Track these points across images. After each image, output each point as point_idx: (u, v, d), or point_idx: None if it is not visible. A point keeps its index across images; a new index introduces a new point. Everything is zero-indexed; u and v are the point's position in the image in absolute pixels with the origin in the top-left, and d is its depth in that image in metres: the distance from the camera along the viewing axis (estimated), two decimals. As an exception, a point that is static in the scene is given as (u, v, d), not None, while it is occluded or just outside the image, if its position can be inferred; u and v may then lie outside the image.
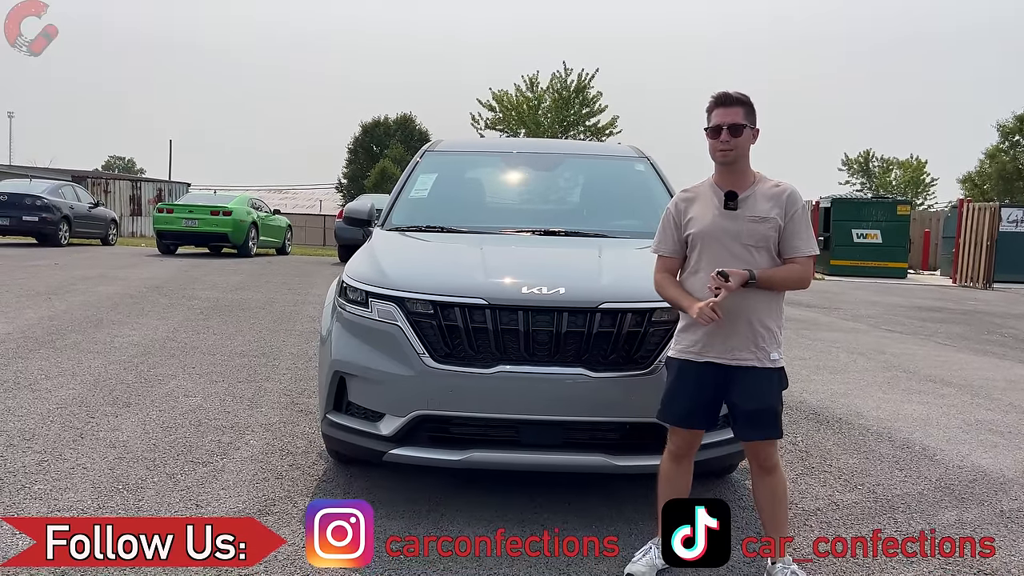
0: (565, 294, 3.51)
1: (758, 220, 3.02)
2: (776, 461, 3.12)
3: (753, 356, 3.01)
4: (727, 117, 3.02)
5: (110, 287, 11.69)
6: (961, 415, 6.07)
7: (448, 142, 5.72)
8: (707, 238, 3.04)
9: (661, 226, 3.23)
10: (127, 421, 5.01)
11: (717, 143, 3.04)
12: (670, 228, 3.20)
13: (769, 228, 3.02)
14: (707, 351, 3.04)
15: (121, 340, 7.64)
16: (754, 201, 3.04)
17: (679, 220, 3.16)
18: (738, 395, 3.03)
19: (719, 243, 3.02)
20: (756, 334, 3.01)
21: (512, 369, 3.44)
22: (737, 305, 2.97)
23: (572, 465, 3.57)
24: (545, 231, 4.59)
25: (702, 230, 3.07)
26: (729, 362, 3.02)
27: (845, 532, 3.69)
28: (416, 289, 3.61)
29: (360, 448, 3.71)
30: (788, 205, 3.05)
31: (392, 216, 4.87)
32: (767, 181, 3.12)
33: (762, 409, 3.02)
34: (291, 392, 5.91)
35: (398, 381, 3.56)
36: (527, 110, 37.66)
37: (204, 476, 4.11)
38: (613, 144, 6.78)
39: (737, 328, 2.99)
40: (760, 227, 3.01)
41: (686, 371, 3.10)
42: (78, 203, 21.63)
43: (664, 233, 3.23)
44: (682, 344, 3.13)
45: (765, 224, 3.02)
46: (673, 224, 3.19)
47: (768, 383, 3.03)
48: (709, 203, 3.10)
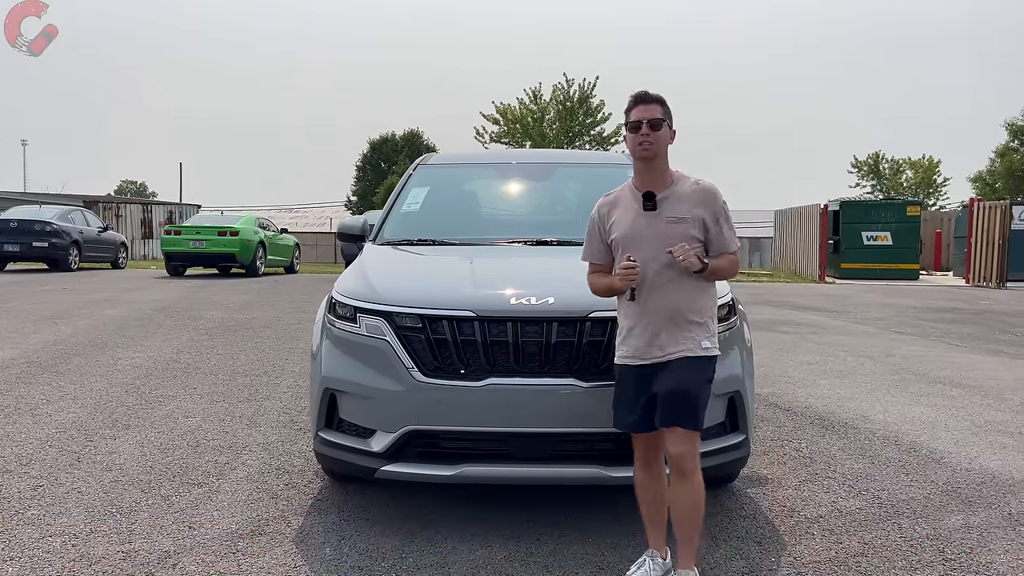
0: (554, 303, 3.47)
1: (677, 221, 3.02)
2: (695, 466, 2.97)
3: (682, 347, 2.99)
4: (646, 113, 3.04)
5: (117, 310, 11.73)
6: (970, 417, 5.97)
7: (441, 155, 5.71)
8: (630, 241, 3.05)
9: (587, 234, 3.25)
10: (125, 444, 4.99)
11: (637, 137, 3.04)
12: (595, 235, 3.22)
13: (690, 227, 3.02)
14: (645, 354, 3.03)
15: (124, 362, 7.65)
16: (673, 201, 3.04)
17: (602, 226, 3.17)
18: (663, 384, 2.98)
19: (643, 246, 3.01)
20: (683, 327, 3.00)
21: (502, 381, 3.39)
22: (664, 300, 2.99)
23: (566, 478, 3.52)
24: (537, 241, 4.56)
25: (624, 234, 3.07)
26: (662, 358, 3.00)
27: (847, 539, 3.61)
28: (404, 303, 3.58)
29: (352, 465, 3.67)
30: (711, 204, 3.06)
31: (384, 230, 4.85)
32: (686, 180, 3.12)
33: (680, 391, 2.94)
34: (291, 410, 5.88)
35: (388, 397, 3.52)
36: (532, 122, 37.72)
37: (199, 497, 4.08)
38: (608, 153, 6.75)
39: (666, 324, 2.99)
40: (681, 228, 3.00)
41: (626, 376, 3.10)
42: (87, 228, 21.81)
43: (590, 241, 3.25)
44: (622, 351, 3.12)
45: (684, 224, 3.02)
46: (597, 231, 3.20)
47: (694, 368, 2.99)
48: (629, 206, 3.11)
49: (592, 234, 3.24)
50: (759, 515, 3.91)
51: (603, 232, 3.18)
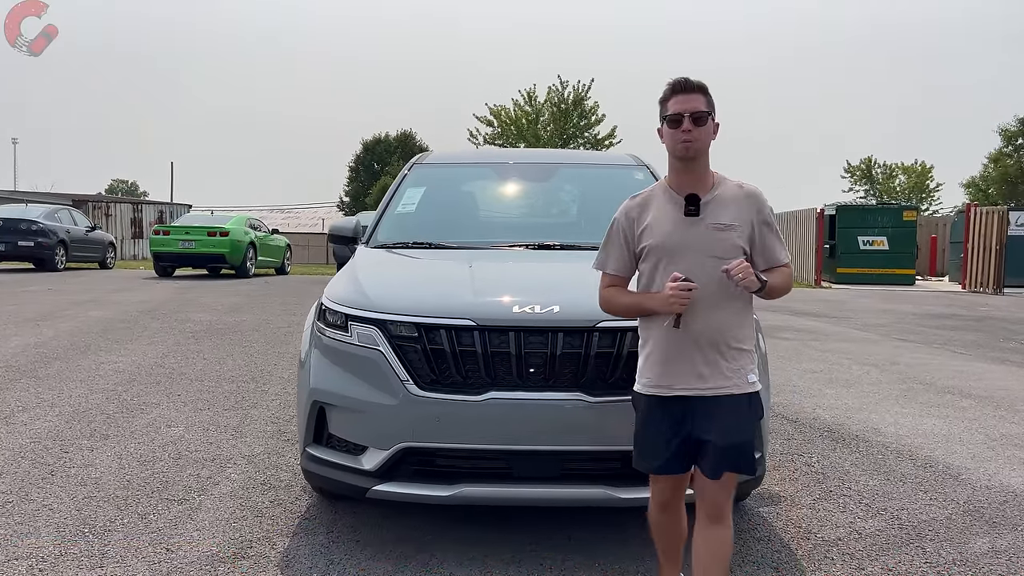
0: (560, 312, 3.24)
1: (723, 228, 2.62)
2: (729, 511, 2.65)
3: (729, 382, 2.59)
4: (687, 104, 2.61)
5: (102, 312, 11.45)
6: (984, 430, 5.76)
7: (437, 154, 5.46)
8: (669, 251, 2.61)
9: (607, 239, 2.78)
10: (102, 455, 4.73)
11: (677, 134, 2.60)
12: (618, 241, 2.75)
13: (737, 236, 2.63)
14: (677, 382, 2.61)
15: (107, 367, 7.38)
16: (717, 206, 2.64)
17: (630, 231, 2.72)
18: (710, 428, 2.55)
19: (684, 257, 2.59)
20: (729, 356, 2.60)
21: (504, 395, 3.16)
22: (709, 323, 2.57)
23: (571, 499, 3.29)
24: (539, 245, 4.32)
25: (660, 242, 2.63)
26: (702, 392, 2.58)
27: (869, 565, 3.38)
28: (398, 311, 3.35)
29: (342, 484, 3.43)
30: (758, 210, 2.68)
31: (377, 232, 4.61)
32: (728, 182, 2.72)
33: (740, 442, 2.57)
34: (278, 420, 5.63)
35: (381, 411, 3.29)
36: (526, 124, 37.52)
37: (178, 515, 3.83)
38: (610, 152, 6.52)
39: (708, 353, 2.58)
40: (727, 236, 2.61)
41: (653, 410, 2.65)
42: (75, 227, 21.48)
43: (610, 247, 2.78)
44: (648, 376, 2.67)
45: (731, 232, 2.63)
46: (623, 237, 2.74)
47: (747, 409, 2.61)
48: (665, 210, 2.67)
49: (614, 240, 2.77)
50: (774, 537, 3.69)
51: (630, 238, 2.73)
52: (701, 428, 2.57)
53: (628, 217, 2.76)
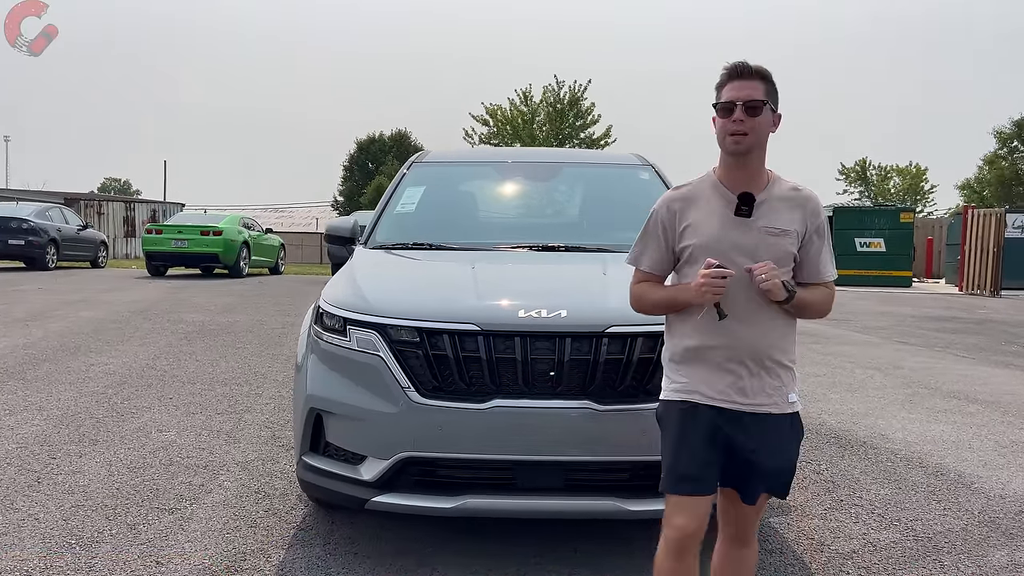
0: (567, 317, 3.11)
1: (777, 233, 2.37)
2: (755, 532, 2.54)
3: (770, 400, 2.36)
4: (742, 91, 2.35)
5: (93, 312, 11.28)
6: (993, 436, 5.65)
7: (437, 152, 5.33)
8: (713, 253, 2.37)
9: (644, 232, 2.54)
10: (91, 461, 4.59)
11: (728, 124, 2.35)
12: (657, 236, 2.50)
13: (790, 244, 2.38)
14: (716, 392, 2.36)
15: (97, 369, 7.22)
16: (771, 208, 2.39)
17: (672, 227, 2.47)
18: (752, 447, 2.35)
19: (731, 261, 2.34)
20: (772, 372, 2.38)
21: (509, 404, 3.03)
22: (753, 332, 2.36)
23: (579, 511, 3.16)
24: (543, 246, 4.19)
25: (705, 242, 2.38)
26: (743, 408, 2.35)
27: (888, 580, 3.27)
28: (399, 314, 3.21)
29: (339, 495, 3.29)
30: (812, 217, 2.43)
31: (376, 233, 4.47)
32: (783, 182, 2.47)
33: (787, 467, 2.41)
34: (272, 424, 5.49)
35: (380, 419, 3.15)
36: (522, 124, 37.40)
37: (169, 526, 3.69)
38: (614, 151, 6.38)
39: (751, 365, 2.36)
40: (780, 242, 2.36)
41: (690, 419, 2.37)
42: (66, 225, 21.27)
43: (647, 242, 2.53)
44: (680, 382, 2.42)
45: (785, 238, 2.37)
46: (662, 231, 2.48)
47: (791, 430, 2.42)
48: (713, 207, 2.42)
49: (651, 234, 2.51)
50: (786, 550, 3.57)
51: (671, 235, 2.47)
52: (742, 447, 2.35)
53: (670, 210, 2.49)
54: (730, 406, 2.35)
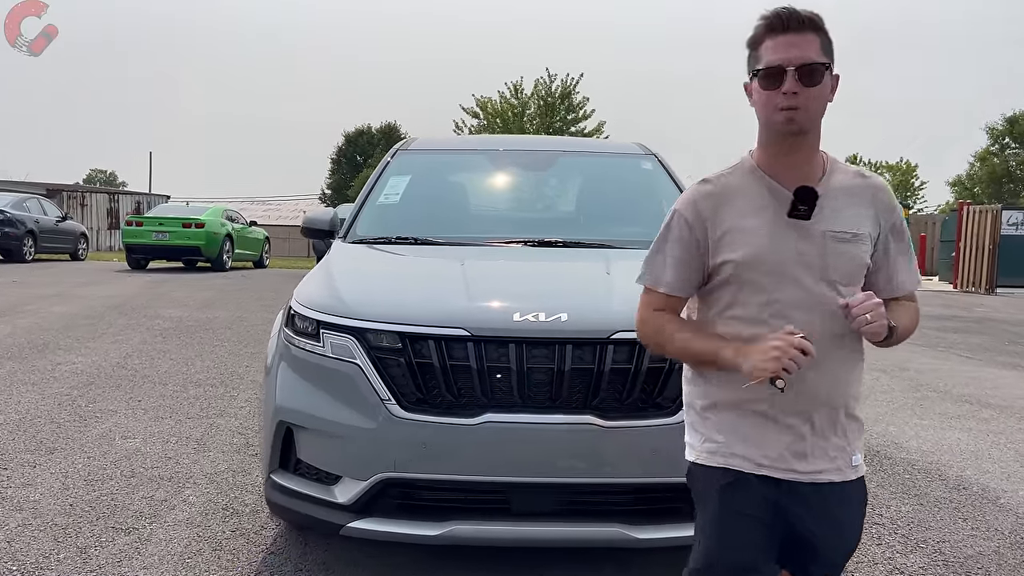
0: (568, 321, 2.77)
1: (846, 238, 1.78)
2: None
3: (832, 464, 1.83)
4: (793, 51, 1.71)
5: (66, 307, 10.84)
6: (1012, 445, 5.34)
7: (424, 140, 4.95)
8: (764, 270, 1.77)
9: (661, 242, 1.90)
10: (45, 473, 4.21)
11: (775, 97, 1.72)
12: (681, 246, 1.85)
13: (863, 251, 1.82)
14: (766, 458, 1.82)
15: (64, 368, 6.83)
16: (834, 204, 1.80)
17: (702, 234, 1.83)
18: (810, 524, 1.84)
19: (786, 280, 1.77)
20: (839, 428, 1.85)
21: (502, 418, 2.69)
22: (819, 381, 1.79)
23: (579, 539, 2.82)
24: (539, 241, 3.83)
25: (756, 255, 1.77)
26: (799, 477, 1.82)
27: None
28: (379, 317, 2.86)
29: (311, 519, 2.95)
30: (887, 213, 1.87)
31: (356, 226, 4.09)
32: (843, 168, 1.87)
33: (848, 546, 1.95)
34: (246, 430, 5.12)
35: (357, 435, 2.81)
36: (512, 117, 36.96)
37: (124, 549, 3.32)
38: (615, 140, 6.03)
39: (814, 420, 1.81)
40: (851, 250, 1.79)
41: (737, 493, 1.82)
42: (44, 217, 20.74)
43: (667, 254, 1.87)
44: (716, 440, 1.86)
45: (856, 245, 1.80)
46: (688, 240, 1.85)
47: (857, 501, 1.91)
48: (758, 205, 1.80)
49: (672, 243, 1.87)
50: (807, 577, 3.23)
51: (701, 246, 1.84)
52: (799, 524, 1.84)
53: (697, 212, 1.84)
54: (787, 476, 1.81)
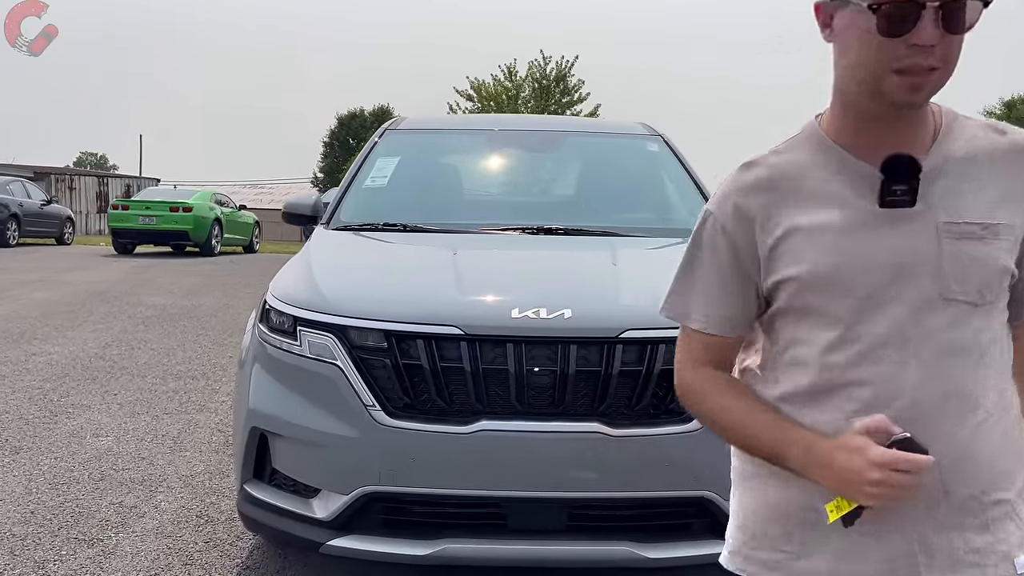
0: (572, 318, 2.50)
1: (974, 234, 1.15)
2: None
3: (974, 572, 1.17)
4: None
5: (47, 293, 10.52)
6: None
7: (415, 119, 4.65)
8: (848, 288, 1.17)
9: (690, 257, 1.31)
10: (8, 476, 3.94)
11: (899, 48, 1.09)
12: (714, 263, 1.27)
13: (1003, 251, 1.16)
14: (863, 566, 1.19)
15: (39, 359, 6.53)
16: (954, 182, 1.17)
17: (751, 241, 1.24)
18: None
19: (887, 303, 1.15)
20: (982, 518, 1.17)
21: (499, 426, 2.44)
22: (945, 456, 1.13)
23: (583, 559, 2.56)
24: (538, 228, 3.54)
25: (833, 267, 1.17)
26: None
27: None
28: (362, 313, 2.59)
29: (288, 535, 2.68)
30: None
31: (340, 211, 3.79)
32: (962, 123, 1.23)
33: None
34: (226, 428, 4.84)
35: (338, 444, 2.54)
36: (506, 100, 36.54)
37: (85, 563, 3.05)
38: (618, 120, 5.75)
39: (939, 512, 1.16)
40: (982, 250, 1.15)
41: None
42: (28, 200, 20.33)
43: (697, 274, 1.29)
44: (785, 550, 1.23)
45: (991, 242, 1.15)
46: (729, 252, 1.26)
47: None
48: (835, 195, 1.19)
49: (708, 258, 1.28)
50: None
51: (749, 258, 1.24)
52: None
53: (738, 212, 1.24)
54: None
